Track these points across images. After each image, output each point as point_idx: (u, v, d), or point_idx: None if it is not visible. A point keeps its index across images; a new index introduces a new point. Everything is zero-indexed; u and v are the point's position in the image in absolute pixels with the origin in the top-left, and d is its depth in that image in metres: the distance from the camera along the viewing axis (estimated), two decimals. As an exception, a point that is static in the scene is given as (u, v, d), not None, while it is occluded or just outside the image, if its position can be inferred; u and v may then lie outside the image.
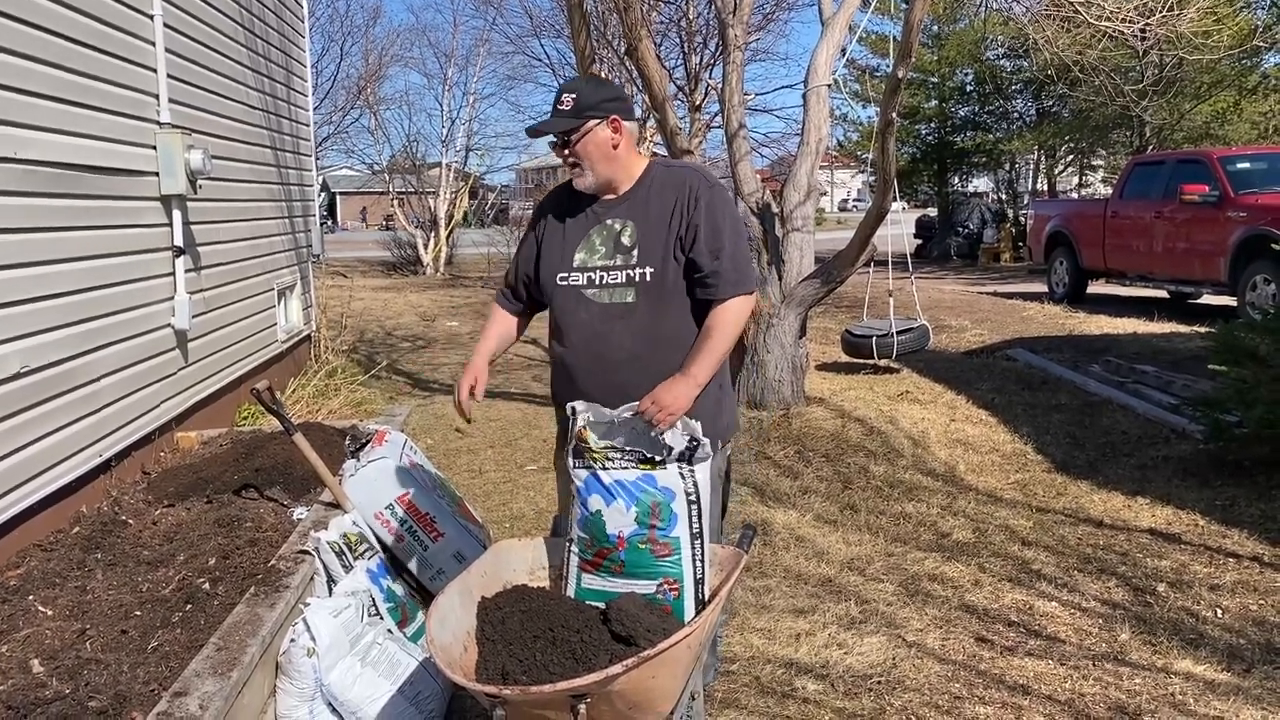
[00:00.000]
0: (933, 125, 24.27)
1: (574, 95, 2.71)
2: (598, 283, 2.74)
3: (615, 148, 2.74)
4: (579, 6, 6.76)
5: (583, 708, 2.06)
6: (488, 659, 2.34)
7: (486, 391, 2.94)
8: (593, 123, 2.70)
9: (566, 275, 2.78)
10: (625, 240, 2.74)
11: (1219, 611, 3.88)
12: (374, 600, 3.28)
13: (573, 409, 2.53)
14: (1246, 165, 11.43)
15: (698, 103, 16.83)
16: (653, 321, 2.70)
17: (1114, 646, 3.62)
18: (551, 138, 2.77)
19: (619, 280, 2.72)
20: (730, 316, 2.68)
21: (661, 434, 2.46)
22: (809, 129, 7.10)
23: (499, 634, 2.41)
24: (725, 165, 8.08)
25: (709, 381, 2.66)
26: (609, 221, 2.77)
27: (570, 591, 2.56)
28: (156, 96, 5.17)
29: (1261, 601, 3.96)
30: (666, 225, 2.71)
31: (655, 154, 2.92)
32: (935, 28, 22.26)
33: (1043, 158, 25.63)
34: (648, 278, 2.70)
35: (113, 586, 3.32)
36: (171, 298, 5.24)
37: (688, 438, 2.45)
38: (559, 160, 2.87)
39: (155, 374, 5.00)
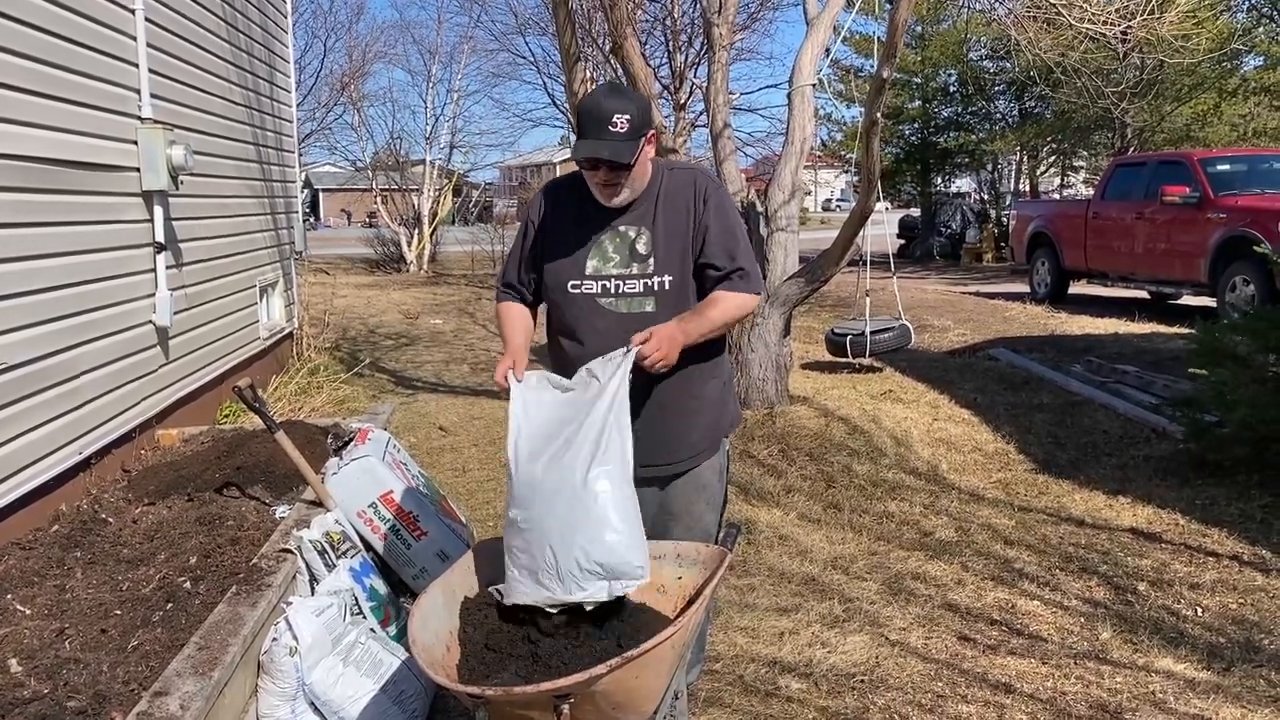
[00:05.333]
0: (916, 125, 24.35)
1: (628, 116, 2.52)
2: (613, 291, 2.67)
3: (650, 161, 2.67)
4: (564, 4, 6.74)
5: (566, 708, 2.06)
6: (470, 659, 2.34)
7: (469, 389, 2.92)
8: (643, 142, 2.58)
9: (579, 283, 2.69)
10: (640, 248, 2.67)
11: (1199, 610, 3.91)
12: (357, 599, 3.26)
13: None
14: (1226, 167, 11.53)
15: (682, 101, 16.82)
16: None
17: (1095, 645, 3.64)
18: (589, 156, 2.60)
19: (636, 290, 2.66)
20: (736, 300, 2.66)
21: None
22: (793, 128, 7.11)
23: (482, 634, 2.40)
24: (710, 164, 8.08)
25: (710, 380, 2.72)
26: (622, 228, 2.68)
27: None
28: (138, 91, 5.13)
29: (1241, 600, 3.99)
30: (681, 230, 2.67)
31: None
32: (919, 28, 22.33)
33: (1025, 158, 25.77)
34: (666, 286, 2.66)
35: (92, 585, 3.29)
36: (153, 294, 5.20)
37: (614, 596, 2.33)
38: (543, 160, 2.84)
39: (136, 371, 4.96)
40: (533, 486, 2.35)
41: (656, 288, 2.66)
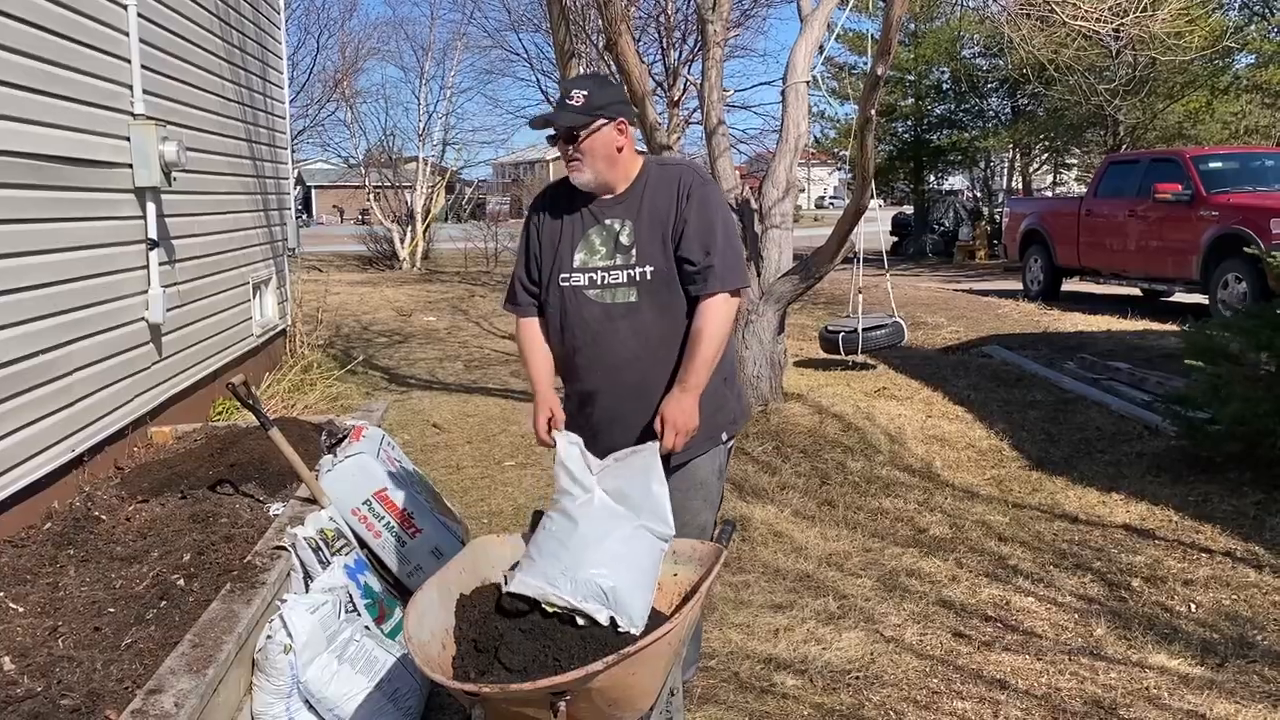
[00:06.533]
0: (909, 123, 24.39)
1: (585, 93, 2.69)
2: (599, 283, 2.74)
3: (619, 150, 2.74)
4: (558, 0, 6.73)
5: (563, 705, 2.05)
6: (466, 657, 2.33)
7: (463, 386, 2.95)
8: (601, 122, 2.69)
9: (568, 276, 2.77)
10: (624, 240, 2.74)
11: (1193, 606, 3.92)
12: (351, 597, 3.26)
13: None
14: (1219, 165, 11.57)
15: (676, 98, 16.80)
16: (655, 319, 2.73)
17: (1090, 641, 3.65)
18: (552, 131, 2.74)
19: (620, 280, 2.73)
20: (716, 316, 2.69)
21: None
22: (787, 126, 7.11)
23: (477, 632, 2.39)
24: (704, 161, 8.09)
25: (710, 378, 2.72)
26: (607, 221, 2.77)
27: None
28: (130, 87, 5.11)
29: (1234, 596, 4.00)
30: (663, 222, 2.73)
31: (639, 152, 2.89)
32: (912, 26, 22.35)
33: (1018, 156, 25.82)
34: (649, 276, 2.72)
35: (85, 583, 3.28)
36: (145, 291, 5.18)
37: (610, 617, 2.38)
38: (536, 157, 2.89)
39: (129, 368, 4.94)
40: (590, 504, 2.46)
41: (639, 278, 2.72)
